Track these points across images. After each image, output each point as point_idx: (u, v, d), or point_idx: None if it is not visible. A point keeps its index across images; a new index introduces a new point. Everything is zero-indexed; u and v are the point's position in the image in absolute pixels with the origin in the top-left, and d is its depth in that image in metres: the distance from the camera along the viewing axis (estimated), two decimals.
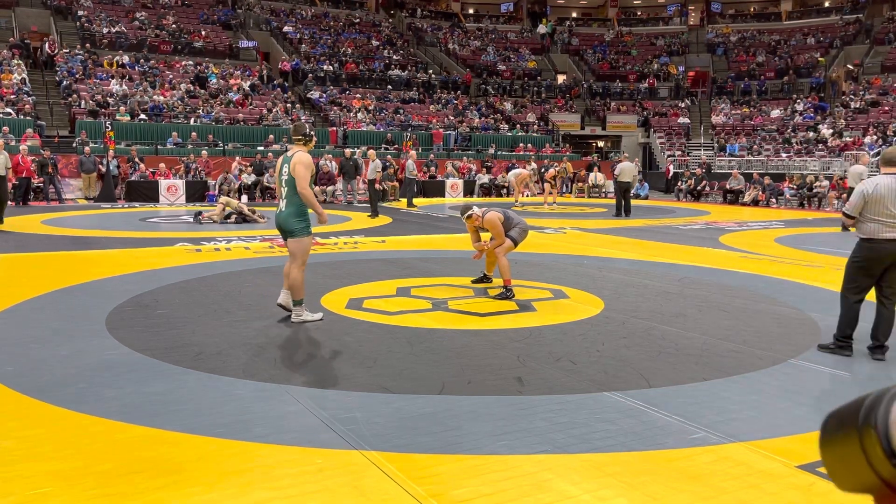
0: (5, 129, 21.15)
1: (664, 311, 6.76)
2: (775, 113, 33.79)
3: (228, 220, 14.57)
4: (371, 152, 17.30)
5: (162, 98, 26.45)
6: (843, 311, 5.41)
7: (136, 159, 21.42)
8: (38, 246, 10.69)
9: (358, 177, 21.50)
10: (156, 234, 12.51)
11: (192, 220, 14.86)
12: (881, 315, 5.31)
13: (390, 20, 42.44)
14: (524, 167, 24.76)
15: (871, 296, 5.44)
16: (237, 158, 22.56)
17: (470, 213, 7.58)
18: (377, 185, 17.32)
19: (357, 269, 9.02)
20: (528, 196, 23.35)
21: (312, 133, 6.34)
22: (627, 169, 18.47)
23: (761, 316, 6.65)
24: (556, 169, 23.72)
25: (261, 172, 21.66)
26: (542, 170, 25.70)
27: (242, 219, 14.66)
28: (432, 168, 26.03)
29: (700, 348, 5.48)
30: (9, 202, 17.90)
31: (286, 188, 6.07)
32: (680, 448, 3.59)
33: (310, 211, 6.18)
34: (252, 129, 26.21)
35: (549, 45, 42.41)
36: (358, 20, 40.52)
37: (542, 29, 43.91)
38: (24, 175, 18.04)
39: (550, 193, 21.17)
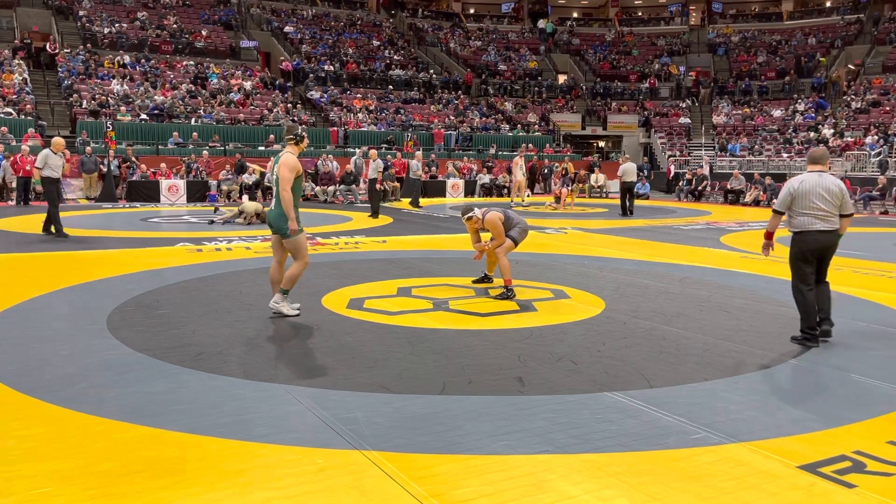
0: (4, 129, 21.15)
1: (665, 311, 6.76)
2: (776, 113, 33.78)
3: (238, 221, 14.49)
4: (372, 152, 17.28)
5: (162, 98, 26.46)
6: (801, 303, 5.71)
7: (133, 159, 21.39)
8: (39, 246, 10.69)
9: (355, 184, 21.58)
10: (157, 234, 12.51)
11: (209, 221, 14.73)
12: (818, 299, 5.70)
13: (391, 20, 42.45)
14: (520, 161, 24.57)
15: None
16: (272, 158, 22.34)
17: (470, 214, 7.58)
18: (378, 185, 17.30)
19: (358, 269, 9.02)
20: (528, 196, 23.32)
21: (304, 134, 6.40)
22: (630, 169, 18.58)
23: (762, 316, 6.65)
24: (558, 170, 23.75)
25: (240, 172, 21.50)
26: (546, 170, 25.71)
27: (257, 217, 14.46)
28: (433, 168, 26.03)
29: (701, 348, 5.48)
30: (29, 203, 17.97)
31: (275, 187, 6.20)
32: (681, 448, 3.58)
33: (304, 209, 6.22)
34: (253, 130, 26.22)
35: (550, 46, 42.40)
36: (359, 20, 40.54)
37: (541, 24, 43.91)
38: (21, 174, 18.04)
39: (569, 196, 20.89)
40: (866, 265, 9.93)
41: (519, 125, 33.43)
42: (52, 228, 11.74)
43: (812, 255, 5.68)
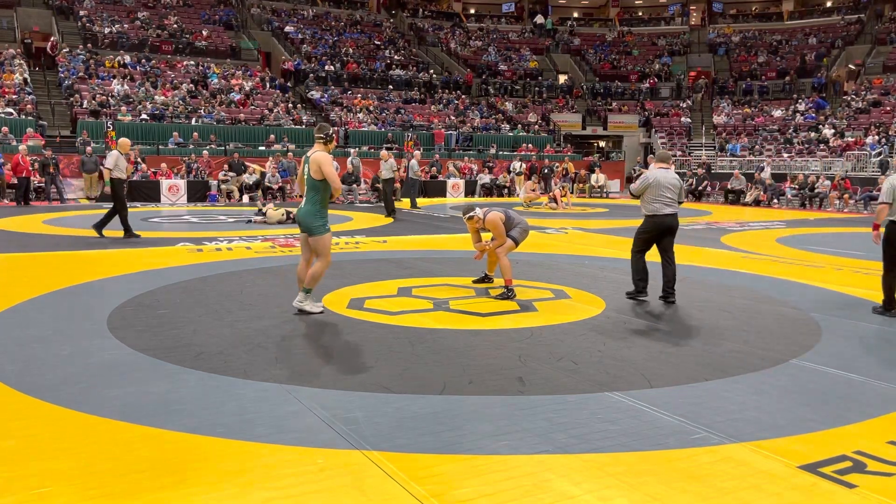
0: (5, 129, 21.14)
1: (665, 311, 6.76)
2: (777, 113, 33.76)
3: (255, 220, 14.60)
4: (384, 153, 17.33)
5: (163, 98, 26.45)
6: (634, 267, 7.26)
7: (140, 160, 21.39)
8: (40, 246, 10.70)
9: (356, 184, 21.62)
10: (157, 234, 12.50)
11: (247, 221, 14.83)
12: (666, 270, 7.16)
13: (392, 20, 42.44)
14: (525, 170, 24.89)
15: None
16: (270, 158, 22.41)
17: (471, 214, 7.58)
18: (396, 185, 17.33)
19: (358, 269, 9.02)
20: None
21: (334, 134, 6.54)
22: None
23: (762, 316, 6.65)
24: (558, 170, 23.78)
25: (239, 172, 21.49)
26: (546, 170, 25.71)
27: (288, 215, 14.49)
28: (433, 168, 26.03)
29: (701, 348, 5.48)
30: (51, 200, 17.94)
31: (306, 186, 6.29)
32: (681, 448, 3.58)
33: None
34: (253, 129, 26.22)
35: (548, 45, 42.36)
36: (359, 20, 40.53)
37: (539, 19, 43.89)
38: (23, 175, 18.04)
39: (563, 196, 21.03)
40: (866, 265, 9.92)
41: (519, 125, 33.42)
42: (122, 231, 11.83)
43: (659, 233, 7.20)
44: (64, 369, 4.71)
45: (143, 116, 24.91)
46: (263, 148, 24.92)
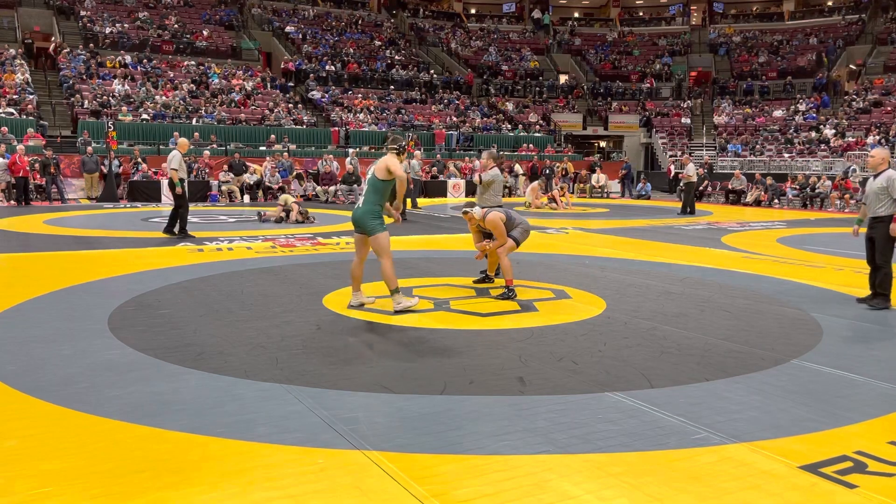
0: (4, 129, 21.14)
1: (666, 312, 6.76)
2: (777, 113, 33.75)
3: (288, 220, 14.73)
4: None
5: (164, 98, 26.46)
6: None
7: (140, 160, 21.40)
8: (41, 246, 10.70)
9: (356, 184, 21.61)
10: (158, 234, 12.50)
11: (257, 218, 15.18)
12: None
13: (392, 20, 42.43)
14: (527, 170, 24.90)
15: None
16: (267, 158, 22.44)
17: (467, 209, 7.64)
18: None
19: None
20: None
21: (405, 145, 6.86)
22: (693, 169, 19.80)
23: (763, 316, 6.65)
24: (558, 170, 23.73)
25: (239, 172, 21.49)
26: (546, 171, 25.70)
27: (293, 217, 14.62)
28: (434, 168, 26.02)
29: (702, 348, 5.47)
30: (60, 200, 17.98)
31: (367, 187, 6.62)
32: (682, 448, 3.58)
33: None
34: (254, 129, 26.21)
35: (547, 44, 42.34)
36: (360, 20, 40.52)
37: (537, 13, 43.86)
38: (20, 174, 18.01)
39: (562, 196, 21.12)
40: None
41: (520, 125, 33.42)
42: (176, 229, 12.09)
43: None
44: (64, 369, 4.71)
45: (144, 116, 24.91)
46: (264, 148, 24.93)
